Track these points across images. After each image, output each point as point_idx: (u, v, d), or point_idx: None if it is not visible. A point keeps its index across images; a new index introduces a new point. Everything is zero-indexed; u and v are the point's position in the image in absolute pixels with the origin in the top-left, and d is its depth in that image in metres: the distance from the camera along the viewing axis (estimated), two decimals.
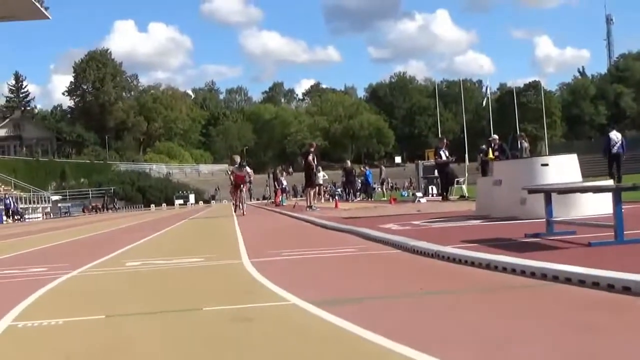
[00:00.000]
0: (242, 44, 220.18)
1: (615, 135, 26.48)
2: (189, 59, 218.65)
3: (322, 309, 4.53)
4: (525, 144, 29.66)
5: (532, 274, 5.36)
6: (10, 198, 62.17)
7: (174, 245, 12.73)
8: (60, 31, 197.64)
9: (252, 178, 29.65)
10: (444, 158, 26.95)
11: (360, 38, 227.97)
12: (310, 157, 26.21)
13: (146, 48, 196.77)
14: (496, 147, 27.38)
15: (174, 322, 4.58)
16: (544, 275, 5.22)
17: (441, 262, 6.84)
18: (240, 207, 27.40)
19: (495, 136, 29.00)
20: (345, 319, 4.12)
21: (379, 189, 52.16)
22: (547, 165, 12.14)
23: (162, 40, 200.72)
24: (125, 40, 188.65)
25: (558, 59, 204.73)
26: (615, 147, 26.08)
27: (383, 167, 56.82)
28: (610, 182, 13.61)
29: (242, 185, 27.81)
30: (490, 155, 26.81)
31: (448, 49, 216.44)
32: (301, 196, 43.38)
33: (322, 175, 38.05)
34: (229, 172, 28.75)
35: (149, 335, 4.13)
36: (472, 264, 6.30)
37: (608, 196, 7.44)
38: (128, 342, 3.97)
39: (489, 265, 6.02)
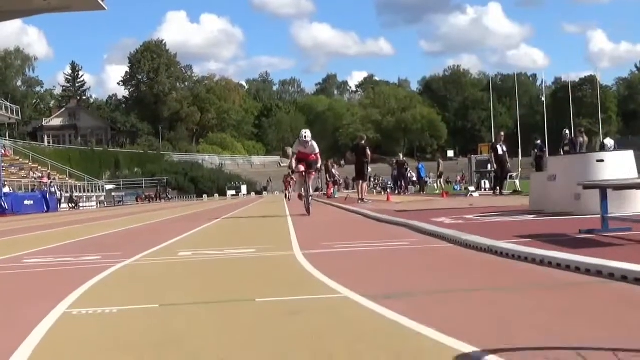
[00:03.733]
0: (294, 35, 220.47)
1: (608, 142, 30.57)
2: (240, 50, 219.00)
3: (374, 302, 4.52)
4: (582, 140, 29.67)
5: (587, 270, 5.30)
6: (55, 186, 62.29)
7: (226, 236, 12.79)
8: (114, 22, 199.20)
9: (319, 164, 19.72)
10: (500, 152, 26.85)
11: (412, 31, 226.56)
12: (368, 150, 26.17)
13: (198, 39, 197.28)
14: (566, 141, 27.70)
15: (226, 312, 4.60)
16: (598, 273, 5.15)
17: (494, 257, 6.79)
18: (305, 201, 18.61)
19: (567, 131, 29.34)
20: (398, 313, 4.11)
21: (437, 183, 51.77)
22: (602, 161, 12.00)
23: (214, 32, 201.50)
24: (178, 31, 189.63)
25: (612, 53, 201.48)
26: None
27: (441, 161, 56.33)
28: None
29: (310, 170, 18.55)
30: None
31: (501, 42, 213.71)
32: (353, 188, 43.37)
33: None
34: (293, 154, 18.88)
35: (201, 326, 4.16)
36: (525, 259, 6.25)
37: None
38: (181, 332, 4.00)
39: (542, 261, 5.97)
